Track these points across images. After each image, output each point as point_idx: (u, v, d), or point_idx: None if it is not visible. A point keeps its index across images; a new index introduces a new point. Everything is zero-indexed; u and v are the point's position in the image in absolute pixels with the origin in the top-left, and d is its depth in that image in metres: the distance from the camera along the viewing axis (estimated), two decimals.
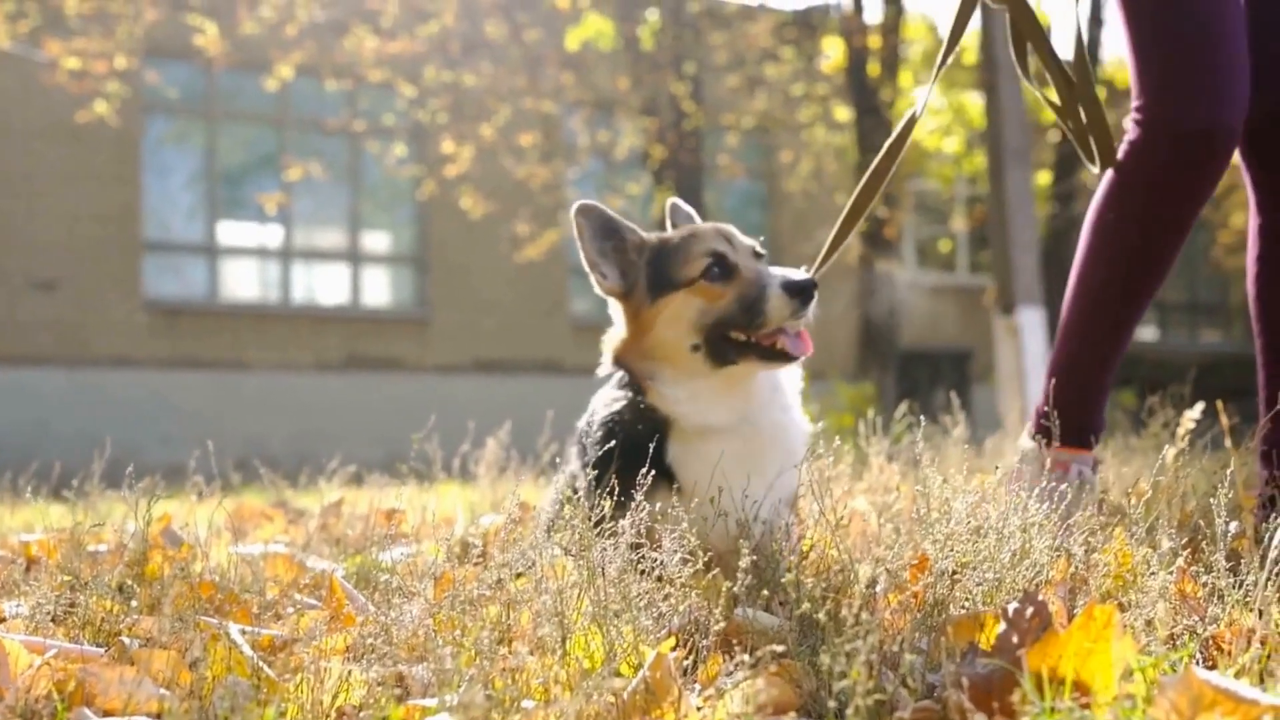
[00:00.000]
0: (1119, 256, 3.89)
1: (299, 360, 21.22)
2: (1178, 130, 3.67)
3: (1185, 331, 33.13)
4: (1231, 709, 1.80)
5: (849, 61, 18.88)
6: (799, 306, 3.26)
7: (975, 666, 2.10)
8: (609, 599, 2.46)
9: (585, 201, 3.50)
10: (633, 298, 3.50)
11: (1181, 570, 2.66)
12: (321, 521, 4.88)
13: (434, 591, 2.75)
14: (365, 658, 2.38)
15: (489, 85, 18.28)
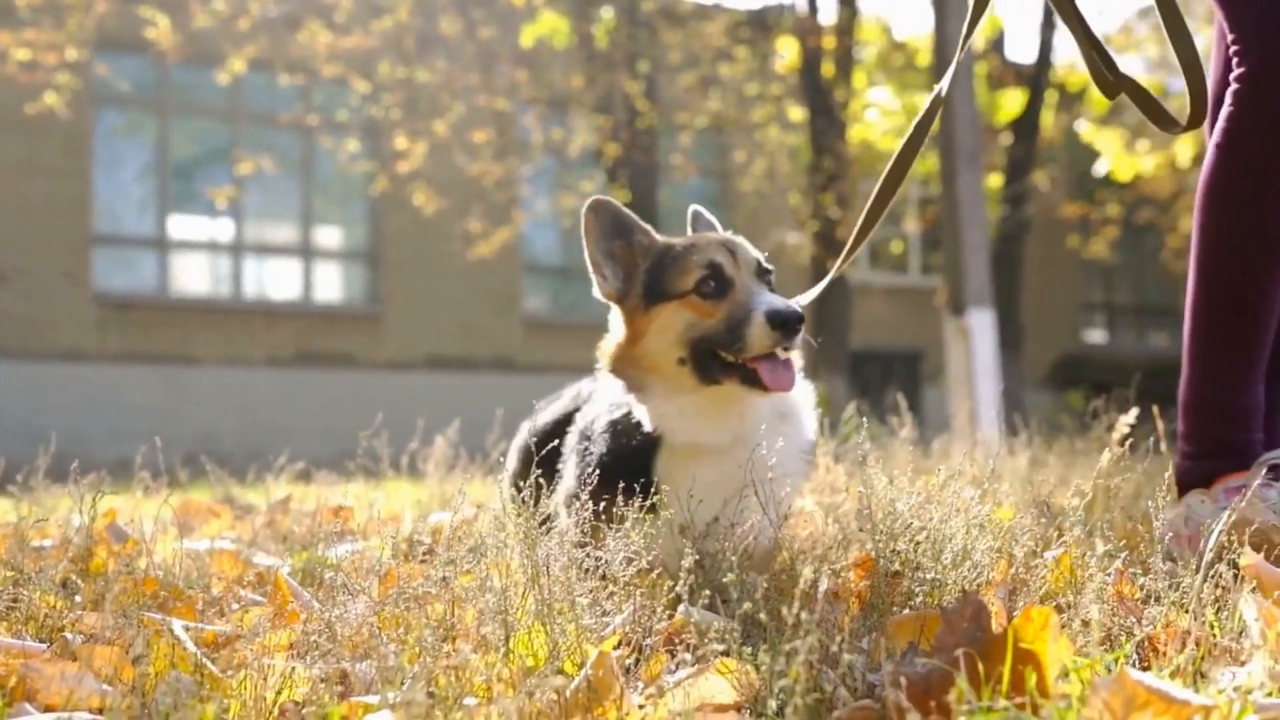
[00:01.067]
0: (1235, 225, 3.53)
1: (250, 355, 21.12)
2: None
3: (1133, 334, 33.40)
4: (1163, 709, 1.83)
5: (803, 62, 18.94)
6: (780, 338, 3.15)
7: (914, 666, 2.13)
8: (553, 597, 2.48)
9: (599, 198, 3.46)
10: (629, 303, 3.44)
11: (1119, 572, 2.70)
12: (268, 518, 4.86)
13: (379, 589, 2.75)
14: (309, 654, 2.38)
15: (443, 81, 18.24)
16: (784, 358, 3.22)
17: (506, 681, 2.23)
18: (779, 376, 3.18)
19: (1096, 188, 26.80)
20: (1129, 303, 33.25)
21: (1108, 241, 24.98)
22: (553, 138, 19.55)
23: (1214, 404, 3.62)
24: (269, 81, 19.42)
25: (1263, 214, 3.47)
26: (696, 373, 3.28)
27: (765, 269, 3.40)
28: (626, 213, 3.48)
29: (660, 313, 3.33)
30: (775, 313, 3.14)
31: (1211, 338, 3.67)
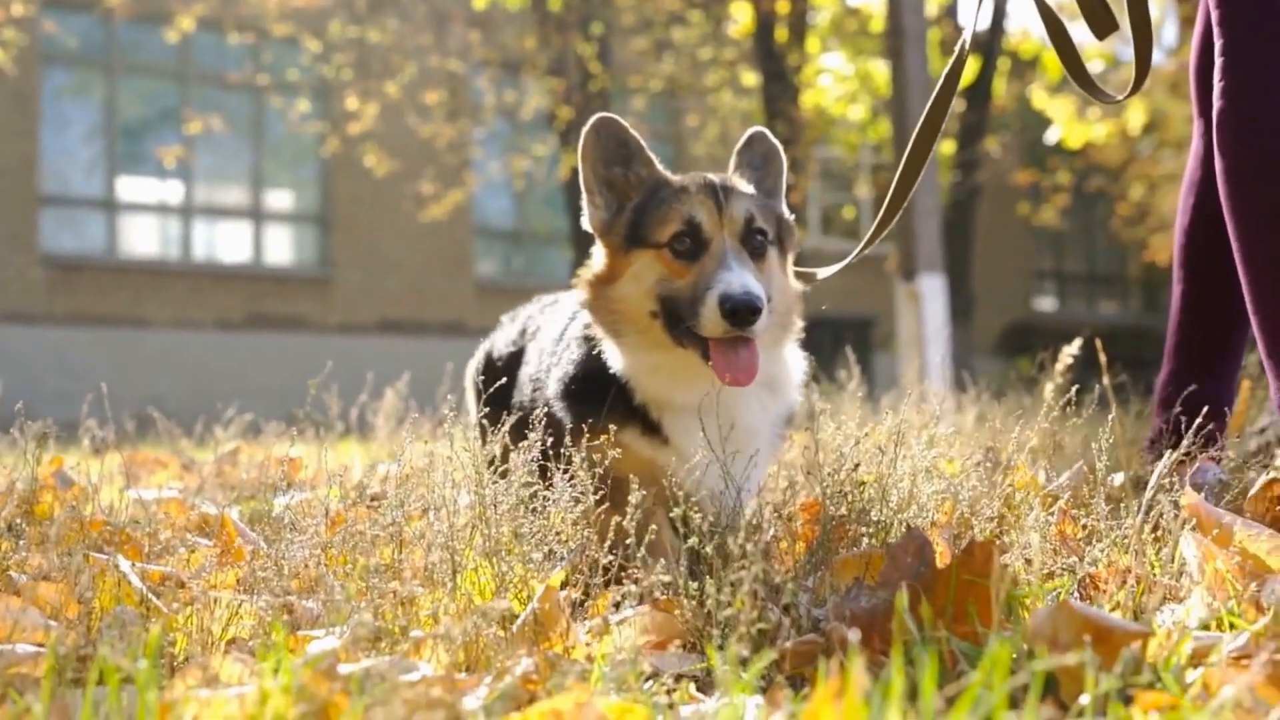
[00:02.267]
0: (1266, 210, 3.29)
1: (199, 318, 20.99)
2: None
3: (1083, 302, 33.63)
4: (1103, 637, 1.85)
5: (756, 26, 18.91)
6: (730, 326, 2.90)
7: (859, 601, 2.15)
8: (500, 535, 2.48)
9: (604, 115, 3.24)
10: (612, 238, 3.25)
11: (1062, 512, 2.73)
12: (217, 468, 4.85)
13: (327, 530, 2.75)
14: (255, 590, 2.38)
15: (395, 42, 18.13)
16: (743, 344, 2.98)
17: (453, 615, 2.24)
18: (732, 366, 2.95)
19: (1047, 155, 26.94)
20: (1079, 270, 33.49)
21: (1058, 209, 25.11)
22: (505, 100, 19.48)
23: None
24: (218, 41, 19.25)
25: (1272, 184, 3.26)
26: (669, 330, 3.10)
27: (756, 229, 3.14)
28: (633, 136, 3.25)
29: (637, 259, 3.16)
30: (727, 298, 2.91)
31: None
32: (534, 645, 2.15)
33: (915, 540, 2.22)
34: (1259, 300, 3.26)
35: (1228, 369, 3.89)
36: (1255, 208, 3.25)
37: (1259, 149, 3.24)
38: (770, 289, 3.12)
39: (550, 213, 22.94)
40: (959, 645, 1.99)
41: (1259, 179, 3.23)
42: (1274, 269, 3.21)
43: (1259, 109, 3.25)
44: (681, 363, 3.09)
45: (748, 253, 3.11)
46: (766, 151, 3.43)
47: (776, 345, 3.24)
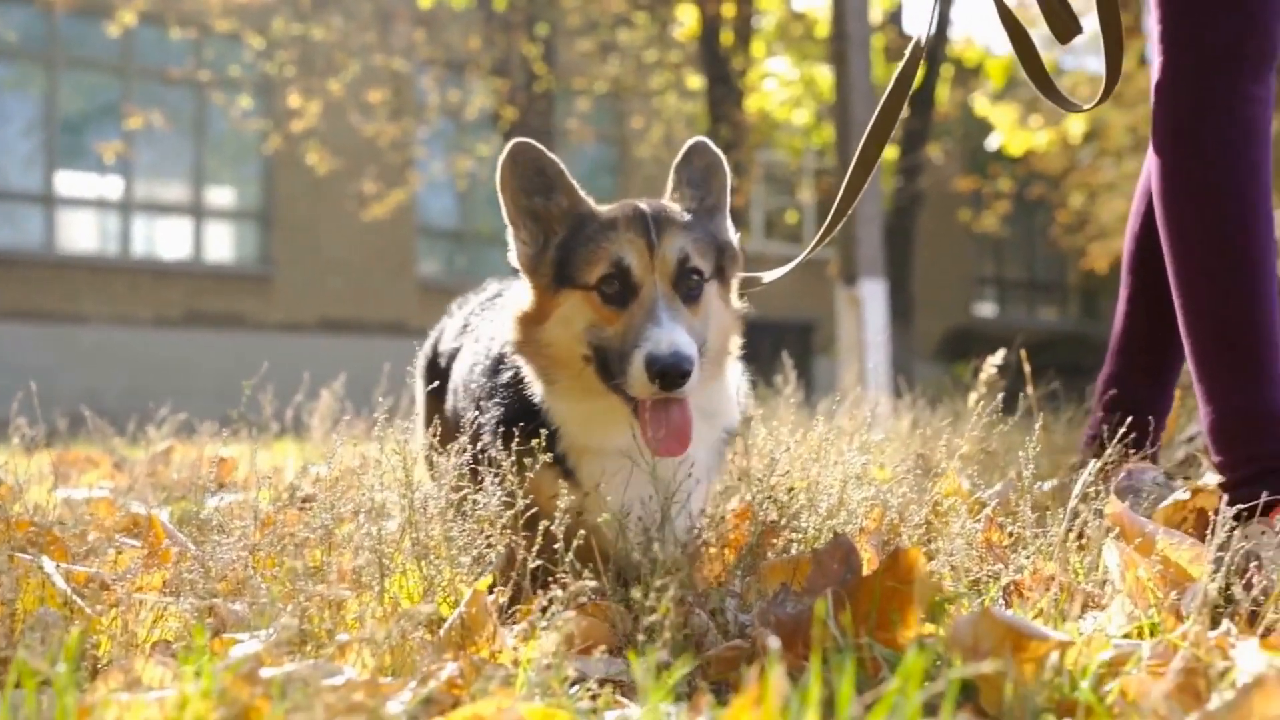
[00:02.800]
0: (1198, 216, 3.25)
1: (137, 315, 20.82)
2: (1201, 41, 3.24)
3: (1023, 308, 33.90)
4: (1023, 644, 1.87)
5: (702, 30, 18.96)
6: (658, 389, 2.68)
7: (785, 607, 2.16)
8: (429, 539, 2.48)
9: (521, 141, 2.98)
10: (539, 276, 2.99)
11: (989, 520, 2.75)
12: (149, 468, 4.82)
13: (257, 532, 2.73)
14: (181, 592, 2.37)
15: (339, 40, 18.06)
16: (675, 406, 2.76)
17: (380, 619, 2.23)
18: (661, 435, 2.74)
19: (989, 162, 27.11)
20: (1019, 277, 33.75)
21: (999, 216, 25.28)
22: (449, 99, 19.44)
23: (1240, 417, 3.17)
24: (160, 36, 19.11)
25: (1217, 190, 3.23)
26: (602, 378, 2.85)
27: (691, 269, 2.88)
28: (551, 162, 2.98)
29: (566, 300, 2.91)
30: (655, 359, 2.67)
31: (1214, 344, 3.24)
32: (460, 649, 2.15)
33: (841, 547, 2.24)
34: (1188, 318, 3.27)
35: (1168, 373, 3.86)
36: (1188, 227, 3.27)
37: (1192, 174, 3.26)
38: (706, 329, 2.92)
39: (493, 213, 22.66)
40: (882, 652, 2.00)
41: (1191, 197, 3.26)
42: (1203, 287, 3.23)
43: (1192, 133, 3.27)
44: (617, 409, 2.85)
45: (681, 297, 2.86)
46: (708, 165, 3.14)
47: (714, 377, 3.01)
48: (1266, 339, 3.13)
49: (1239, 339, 3.14)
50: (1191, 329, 3.22)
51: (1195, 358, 3.23)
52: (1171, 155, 3.25)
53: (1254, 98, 3.21)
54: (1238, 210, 3.16)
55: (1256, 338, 3.13)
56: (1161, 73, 3.31)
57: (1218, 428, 3.16)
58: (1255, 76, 3.21)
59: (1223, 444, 3.14)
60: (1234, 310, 3.16)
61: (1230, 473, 3.11)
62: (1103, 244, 24.19)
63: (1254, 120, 3.22)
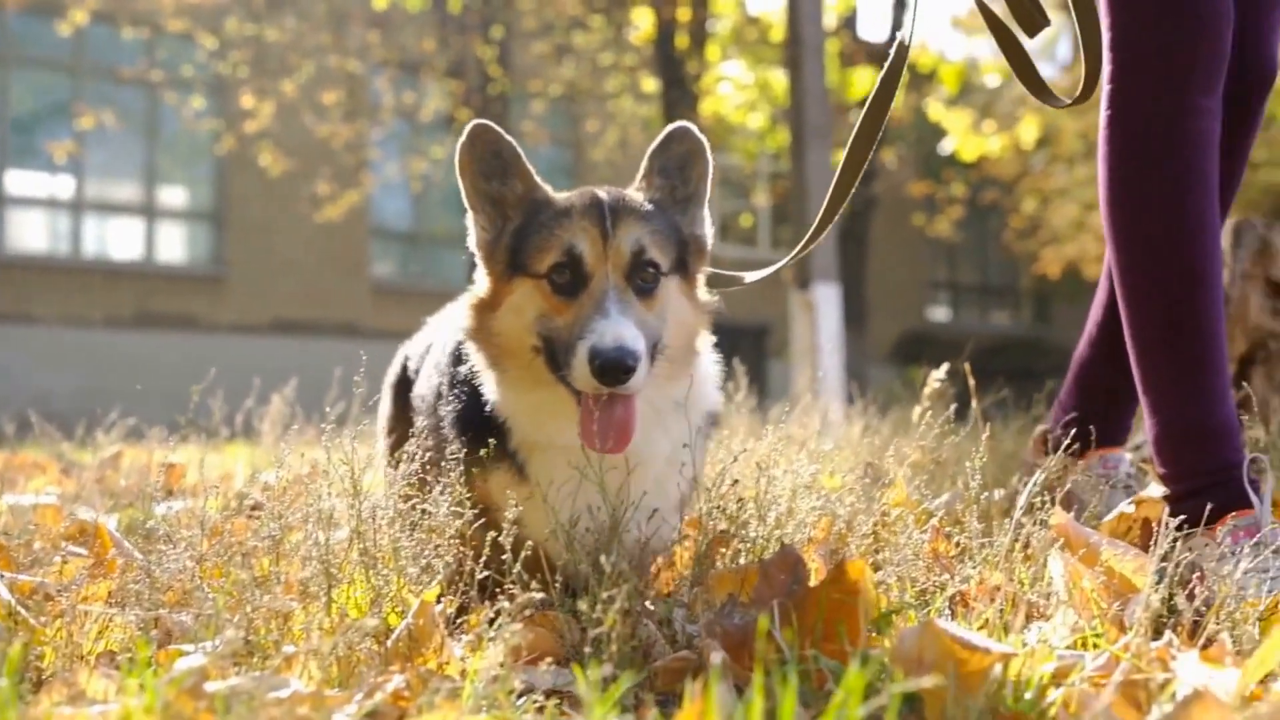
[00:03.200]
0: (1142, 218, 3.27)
1: (88, 315, 20.67)
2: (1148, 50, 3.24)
3: (976, 312, 34.08)
4: (964, 656, 1.88)
5: (657, 33, 18.99)
6: (600, 385, 2.61)
7: (732, 618, 2.17)
8: (377, 548, 2.48)
9: (479, 123, 2.88)
10: (494, 263, 2.92)
11: (935, 530, 2.77)
12: (98, 474, 4.79)
13: (205, 542, 2.72)
14: (127, 604, 2.35)
15: (292, 41, 18.00)
16: (619, 403, 2.68)
17: (327, 630, 2.23)
18: (601, 431, 2.66)
19: (942, 167, 27.26)
20: (972, 281, 33.94)
21: (952, 221, 25.42)
22: (404, 101, 19.40)
23: (1185, 429, 3.18)
24: (112, 35, 18.99)
25: (1168, 199, 3.24)
26: (551, 369, 2.78)
27: (647, 262, 2.80)
28: (509, 145, 2.89)
29: (518, 288, 2.84)
30: (597, 353, 2.59)
31: (1160, 356, 3.25)
32: (407, 661, 2.15)
33: (788, 558, 2.25)
34: (1134, 329, 3.28)
35: None
36: (1135, 238, 3.28)
37: (1142, 183, 3.27)
38: (663, 327, 2.82)
39: (448, 215, 22.87)
40: (828, 664, 2.01)
41: (1139, 208, 3.27)
42: (1149, 299, 3.24)
43: (1141, 144, 3.28)
44: (566, 401, 2.77)
45: (634, 291, 2.78)
46: (687, 152, 3.00)
47: (675, 377, 2.90)
48: (1211, 352, 3.15)
49: (1184, 352, 3.16)
50: (1137, 339, 3.24)
51: (1141, 369, 3.24)
52: (1120, 166, 3.27)
53: (1203, 110, 3.23)
54: (1186, 223, 3.17)
55: (1202, 351, 3.15)
56: (1111, 83, 3.32)
57: (1162, 440, 3.18)
58: (1205, 89, 3.23)
59: (1167, 456, 3.17)
60: (1180, 323, 3.17)
61: (1174, 484, 3.14)
62: (1055, 249, 24.37)
63: (1203, 133, 3.23)
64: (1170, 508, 3.09)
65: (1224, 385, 3.18)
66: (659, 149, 3.00)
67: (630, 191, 2.96)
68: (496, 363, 2.88)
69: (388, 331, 24.10)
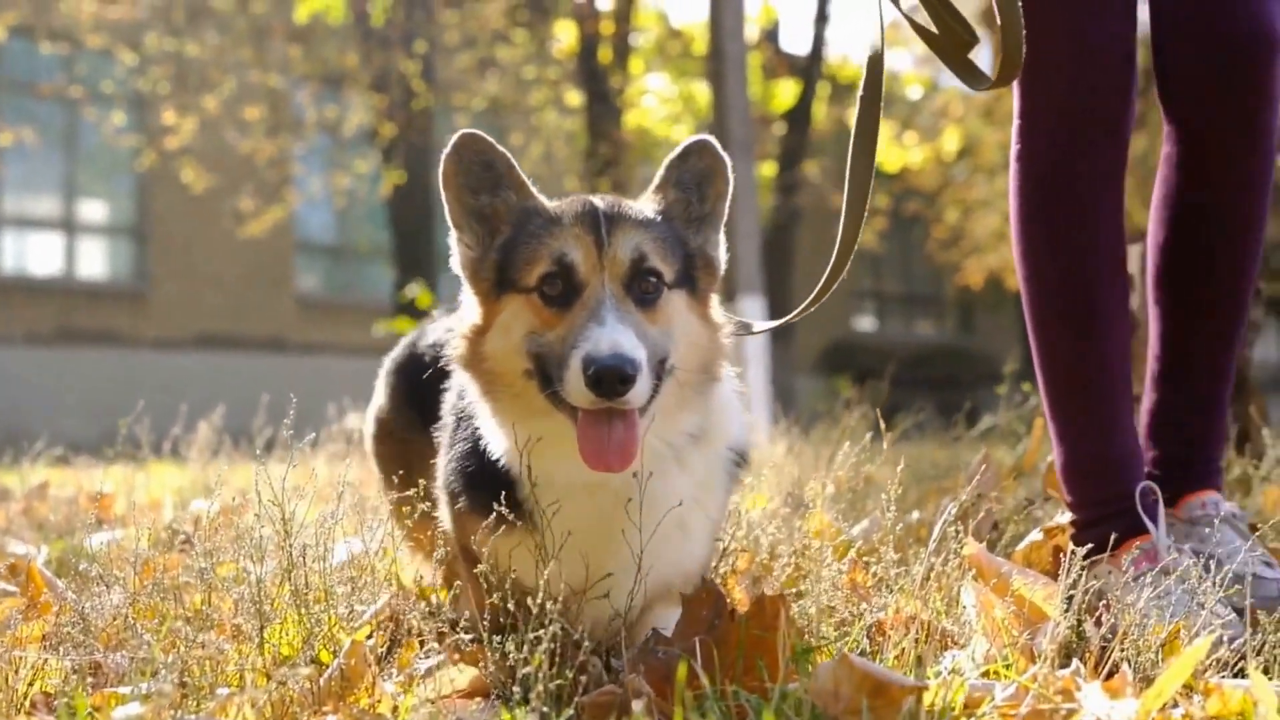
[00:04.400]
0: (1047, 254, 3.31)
1: (8, 332, 20.44)
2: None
3: (901, 322, 34.38)
4: (879, 690, 1.96)
5: (580, 47, 19.07)
6: (596, 398, 2.39)
7: (655, 654, 2.23)
8: (308, 587, 2.52)
9: (467, 132, 2.66)
10: (481, 281, 2.69)
11: (853, 561, 2.84)
12: (25, 504, 4.79)
13: (136, 580, 2.75)
14: (62, 646, 2.39)
15: (213, 56, 17.91)
16: (618, 418, 2.45)
17: (260, 671, 2.27)
18: (599, 447, 2.44)
19: None
20: (897, 291, 34.23)
21: (876, 232, 25.64)
22: (327, 116, 19.35)
23: (1089, 459, 3.26)
24: (31, 49, 18.81)
25: (1072, 231, 3.29)
26: (543, 392, 2.54)
27: (647, 270, 2.58)
28: (501, 155, 2.68)
29: (506, 305, 2.62)
30: (591, 360, 2.37)
31: (1064, 384, 3.31)
32: (340, 700, 2.19)
33: (710, 592, 2.32)
34: (1042, 359, 3.33)
35: (1219, 396, 3.52)
36: (1044, 272, 3.34)
37: (1042, 223, 3.33)
38: (669, 341, 2.58)
39: (372, 228, 22.80)
40: (748, 699, 2.08)
41: (1048, 243, 3.33)
42: (1057, 331, 3.30)
43: (1050, 183, 3.33)
44: (565, 428, 2.52)
45: (633, 300, 2.55)
46: (706, 169, 2.75)
47: (694, 401, 2.67)
48: (1117, 384, 3.23)
49: (1090, 384, 3.23)
50: (1045, 369, 3.31)
51: (1048, 398, 3.32)
52: (1030, 201, 3.33)
53: (1112, 146, 3.28)
54: (1094, 261, 3.24)
55: (1108, 382, 3.22)
56: (1020, 118, 3.37)
57: (1068, 469, 3.26)
58: (1112, 127, 3.28)
59: (1072, 485, 3.25)
60: (1087, 356, 3.24)
61: (1080, 512, 3.22)
62: (978, 259, 24.67)
63: (1111, 166, 3.29)
64: (1074, 536, 3.17)
65: (1125, 416, 3.25)
66: (677, 161, 2.75)
67: (627, 199, 2.76)
68: (488, 391, 2.65)
69: (313, 345, 24.18)
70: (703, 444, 2.69)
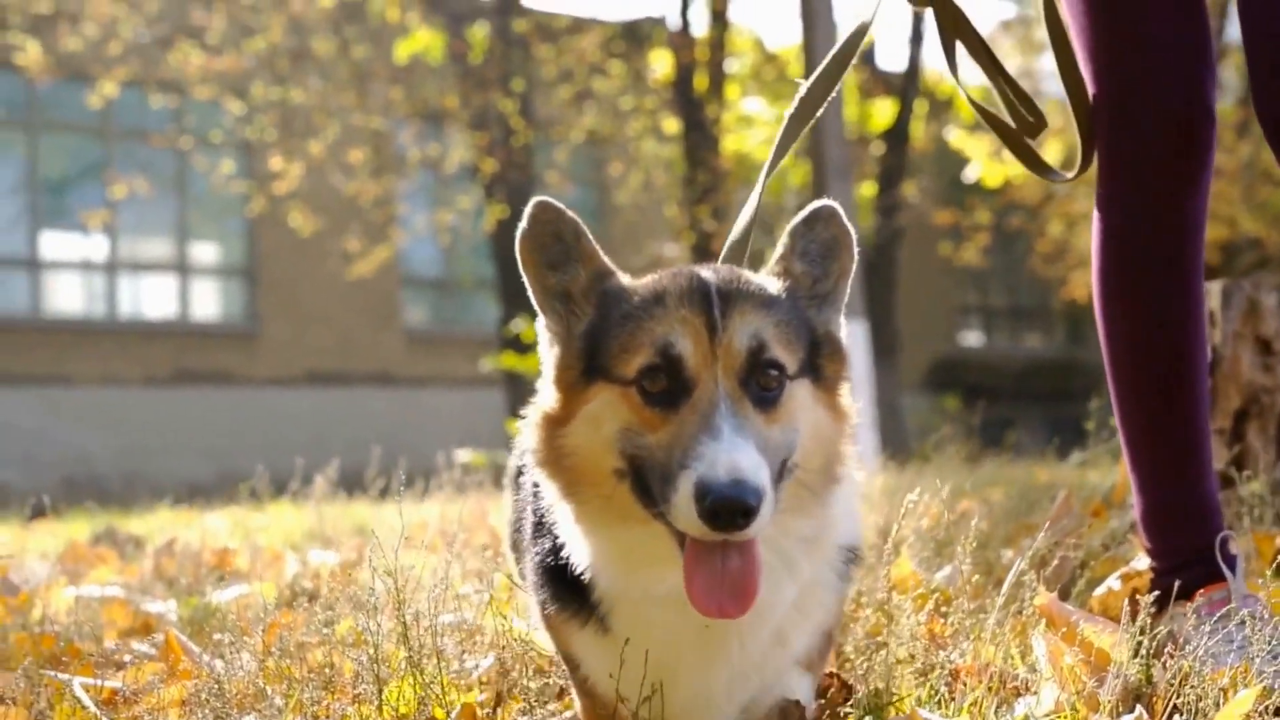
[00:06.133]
0: (1127, 296, 3.37)
1: (125, 374, 20.95)
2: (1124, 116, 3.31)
3: (1008, 336, 34.11)
4: None
5: (676, 75, 19.22)
6: (710, 531, 2.08)
7: None
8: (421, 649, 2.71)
9: (540, 202, 2.37)
10: (564, 364, 2.37)
11: (930, 612, 2.96)
12: (155, 561, 5.04)
13: (263, 640, 2.95)
14: (199, 710, 2.59)
15: (317, 101, 18.31)
16: (735, 552, 2.15)
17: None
18: (713, 589, 2.14)
19: (966, 194, 27.36)
20: (1003, 305, 33.98)
21: (979, 248, 25.51)
22: (429, 154, 19.68)
23: (1169, 509, 3.31)
24: (141, 99, 19.33)
25: (1154, 293, 3.35)
26: (639, 498, 2.24)
27: (768, 362, 2.24)
28: (571, 225, 2.38)
29: (594, 395, 2.29)
30: (707, 489, 2.05)
31: (1146, 439, 3.37)
32: None
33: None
34: (1122, 409, 3.40)
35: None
36: (1125, 326, 3.38)
37: (1127, 281, 3.34)
38: (792, 442, 2.27)
39: (476, 260, 23.07)
40: None
41: (1129, 296, 3.40)
42: (1139, 382, 3.37)
43: (1131, 238, 3.36)
44: (660, 540, 2.23)
45: (751, 400, 2.22)
46: (833, 239, 2.45)
47: (814, 505, 2.37)
48: (1195, 437, 3.30)
49: (1172, 439, 3.31)
50: (1126, 423, 3.39)
51: (1129, 450, 3.41)
52: (1107, 262, 3.42)
53: (1193, 199, 3.32)
54: (1176, 312, 3.32)
55: (1189, 436, 3.30)
56: (1101, 170, 3.40)
57: (1149, 518, 3.35)
58: (1192, 184, 3.31)
59: (1153, 533, 3.35)
60: (1169, 412, 3.32)
61: (1159, 560, 3.33)
62: (1082, 273, 24.45)
63: (1193, 217, 3.33)
64: (1153, 582, 3.27)
65: (1206, 467, 3.32)
66: (803, 228, 2.44)
67: (742, 271, 2.46)
68: (571, 492, 2.32)
69: (420, 378, 24.45)
70: (814, 548, 2.38)
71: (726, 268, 2.44)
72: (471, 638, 2.83)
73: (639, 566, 2.30)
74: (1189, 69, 3.29)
